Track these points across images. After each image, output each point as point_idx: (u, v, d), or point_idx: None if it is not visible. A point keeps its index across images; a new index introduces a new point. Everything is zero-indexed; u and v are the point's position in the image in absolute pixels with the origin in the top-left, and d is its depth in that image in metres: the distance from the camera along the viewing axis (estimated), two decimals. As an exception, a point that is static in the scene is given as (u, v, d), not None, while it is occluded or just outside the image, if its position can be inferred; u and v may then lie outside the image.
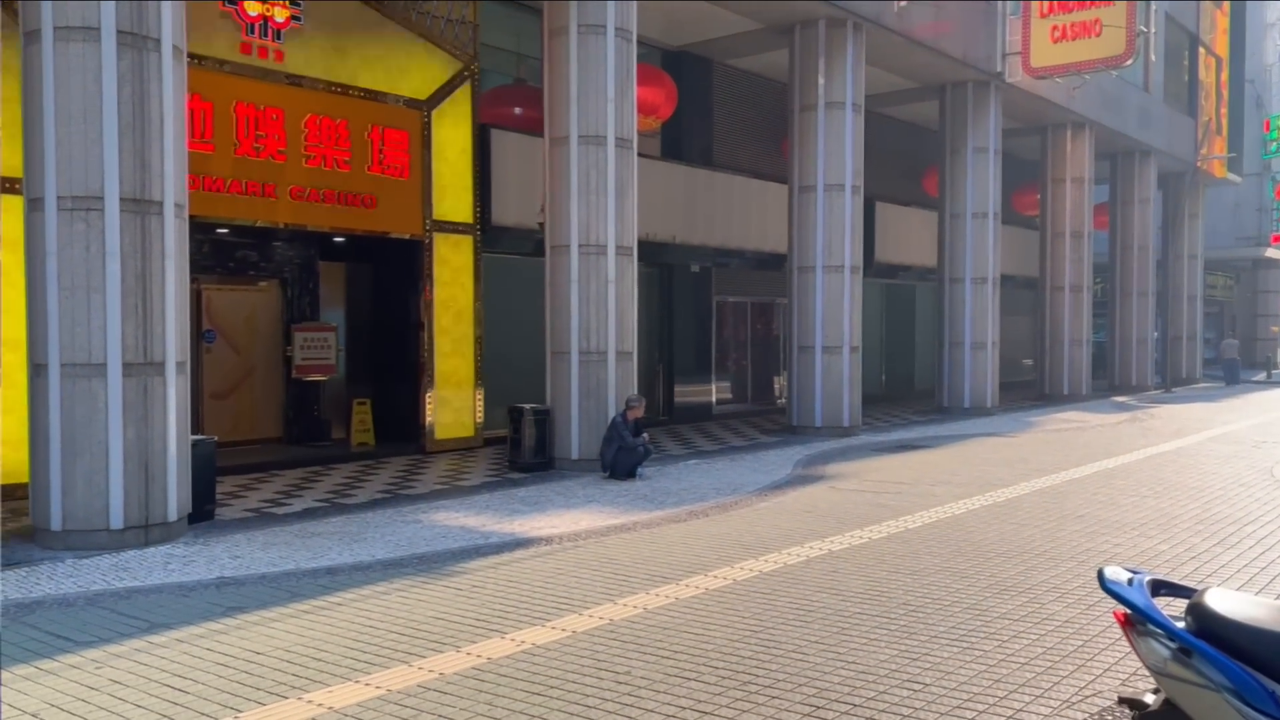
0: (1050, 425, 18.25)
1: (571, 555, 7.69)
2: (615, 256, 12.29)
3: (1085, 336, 24.89)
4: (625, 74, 12.39)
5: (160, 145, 8.01)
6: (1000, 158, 20.80)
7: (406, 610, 6.16)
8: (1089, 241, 24.92)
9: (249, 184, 11.67)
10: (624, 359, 12.43)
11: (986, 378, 20.64)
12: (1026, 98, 21.54)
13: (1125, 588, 2.79)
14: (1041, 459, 13.36)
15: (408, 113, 13.25)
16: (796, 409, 16.64)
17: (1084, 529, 8.56)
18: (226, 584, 6.89)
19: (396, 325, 14.23)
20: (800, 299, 16.47)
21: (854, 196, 16.28)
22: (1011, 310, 27.78)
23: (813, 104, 16.18)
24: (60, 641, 5.60)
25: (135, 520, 7.93)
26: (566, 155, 12.20)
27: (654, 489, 10.94)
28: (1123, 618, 2.83)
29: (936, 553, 7.67)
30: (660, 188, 16.75)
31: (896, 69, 19.28)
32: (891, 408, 22.05)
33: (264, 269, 13.80)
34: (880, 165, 23.42)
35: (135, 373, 7.90)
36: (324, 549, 7.96)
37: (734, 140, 19.92)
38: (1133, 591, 2.77)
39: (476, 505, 9.92)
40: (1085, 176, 24.55)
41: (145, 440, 7.97)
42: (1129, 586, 2.79)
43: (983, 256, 20.50)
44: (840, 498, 10.35)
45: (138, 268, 7.89)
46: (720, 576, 6.94)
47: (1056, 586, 6.63)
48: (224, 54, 11.46)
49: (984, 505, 9.79)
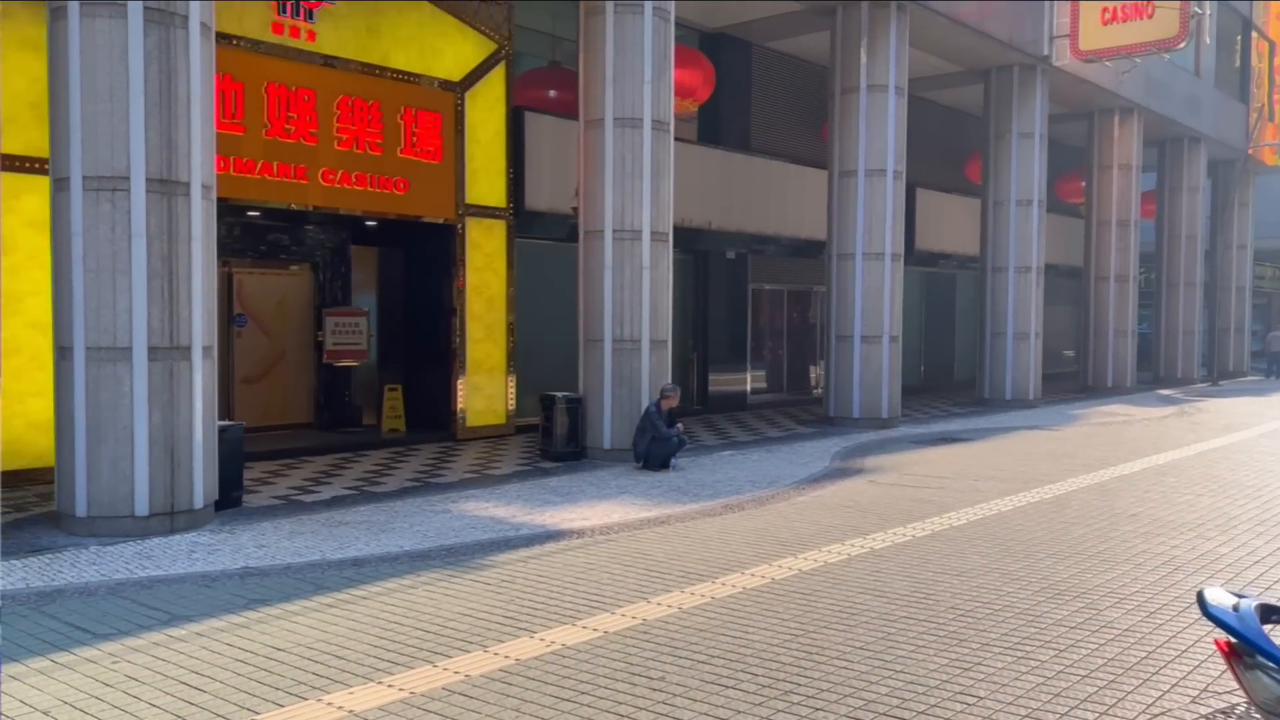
0: (1094, 418, 17.77)
1: (603, 549, 7.46)
2: (650, 242, 12.01)
3: (1130, 328, 24.27)
4: (662, 55, 12.08)
5: (187, 125, 7.83)
6: (1046, 144, 20.25)
7: (433, 606, 5.96)
8: (1135, 230, 24.26)
9: (280, 166, 11.50)
10: (658, 347, 12.15)
11: (1029, 369, 20.15)
12: (1074, 82, 20.95)
13: (1231, 615, 2.48)
14: (1088, 454, 12.94)
15: (441, 95, 13.02)
16: (834, 399, 16.29)
17: (1138, 529, 8.20)
18: (250, 574, 6.72)
19: (428, 311, 14.04)
20: (839, 287, 16.10)
21: (896, 182, 15.86)
22: (1054, 300, 27.17)
23: (854, 86, 15.76)
24: (78, 633, 5.44)
25: (161, 507, 7.79)
26: (601, 138, 11.92)
27: (688, 481, 10.68)
28: (1227, 647, 2.52)
29: (984, 552, 7.36)
30: (696, 172, 16.43)
31: (940, 52, 18.79)
32: (931, 399, 21.62)
33: (296, 253, 13.66)
34: (922, 151, 22.92)
35: (161, 357, 7.74)
36: (351, 539, 7.78)
37: (772, 124, 19.53)
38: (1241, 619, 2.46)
39: (507, 495, 9.71)
40: (1132, 163, 23.89)
41: (171, 426, 7.82)
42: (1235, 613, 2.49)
43: (1026, 245, 19.99)
44: (880, 492, 10.04)
45: (164, 250, 7.72)
46: (758, 575, 6.68)
47: (1113, 591, 6.30)
48: (256, 34, 11.28)
49: (1030, 502, 9.44)
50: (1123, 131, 23.73)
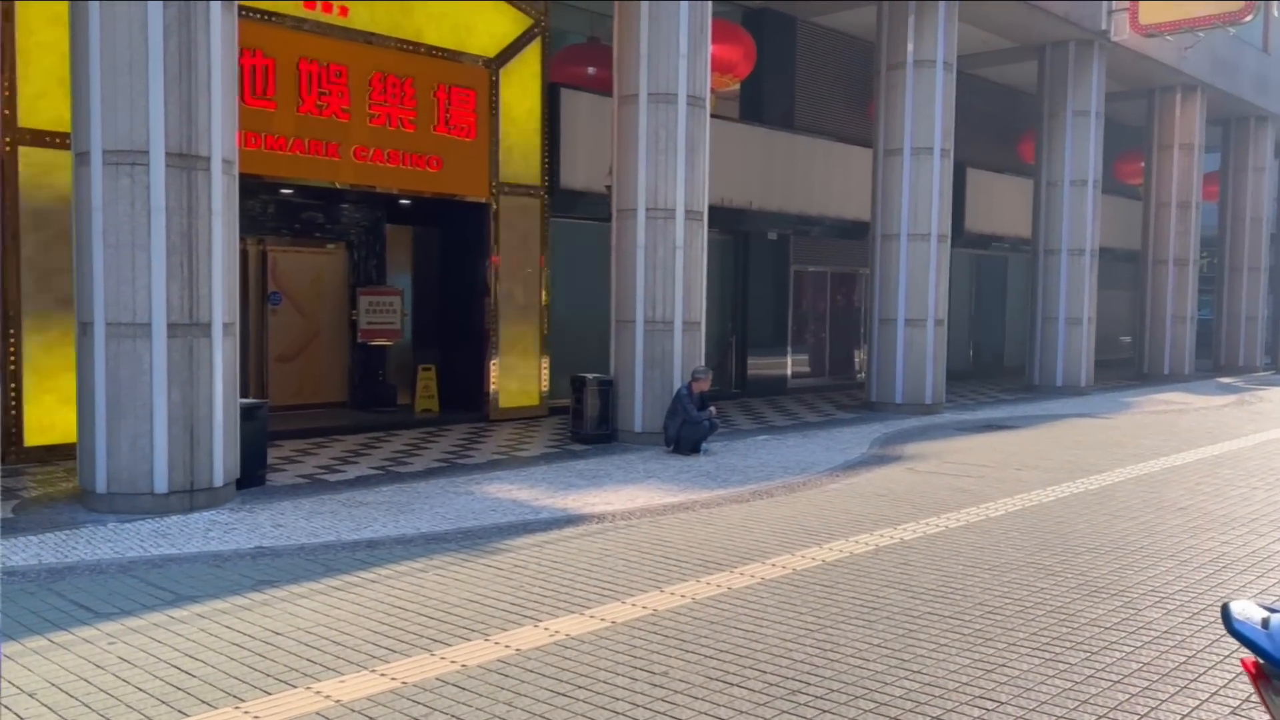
0: (1149, 406, 17.19)
1: (622, 535, 7.26)
2: (684, 221, 11.74)
3: (1189, 313, 23.49)
4: (699, 29, 11.76)
5: (208, 99, 7.73)
6: (1102, 122, 19.56)
7: (440, 590, 5.80)
8: (1197, 213, 23.44)
9: (311, 143, 11.42)
10: (691, 329, 11.90)
11: (1081, 355, 19.56)
12: (1133, 58, 20.21)
13: (1258, 631, 2.20)
14: (1139, 443, 12.47)
15: (475, 71, 12.85)
16: (876, 384, 15.92)
17: (1186, 523, 7.81)
18: (263, 554, 6.63)
19: (463, 290, 13.93)
20: (883, 269, 15.70)
21: (943, 160, 15.40)
22: (1109, 284, 26.39)
23: (901, 62, 15.31)
24: (81, 612, 5.37)
25: (180, 484, 7.74)
26: (635, 114, 11.67)
27: (718, 465, 10.45)
28: (1254, 667, 2.24)
29: (1020, 545, 7.04)
30: (738, 151, 16.10)
31: (993, 27, 18.21)
32: (979, 385, 21.11)
33: (330, 231, 13.61)
34: (972, 130, 22.31)
35: (180, 333, 7.67)
36: (369, 519, 7.67)
37: (817, 102, 19.10)
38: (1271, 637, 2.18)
39: (532, 477, 9.56)
40: (1195, 143, 23.05)
41: (191, 403, 7.75)
42: (1263, 630, 2.21)
43: (1080, 227, 19.37)
44: (917, 480, 9.72)
45: (183, 225, 7.64)
46: (779, 565, 6.43)
47: (1154, 589, 5.96)
48: (288, 9, 11.18)
49: (1074, 493, 9.06)
50: (1185, 110, 22.89)
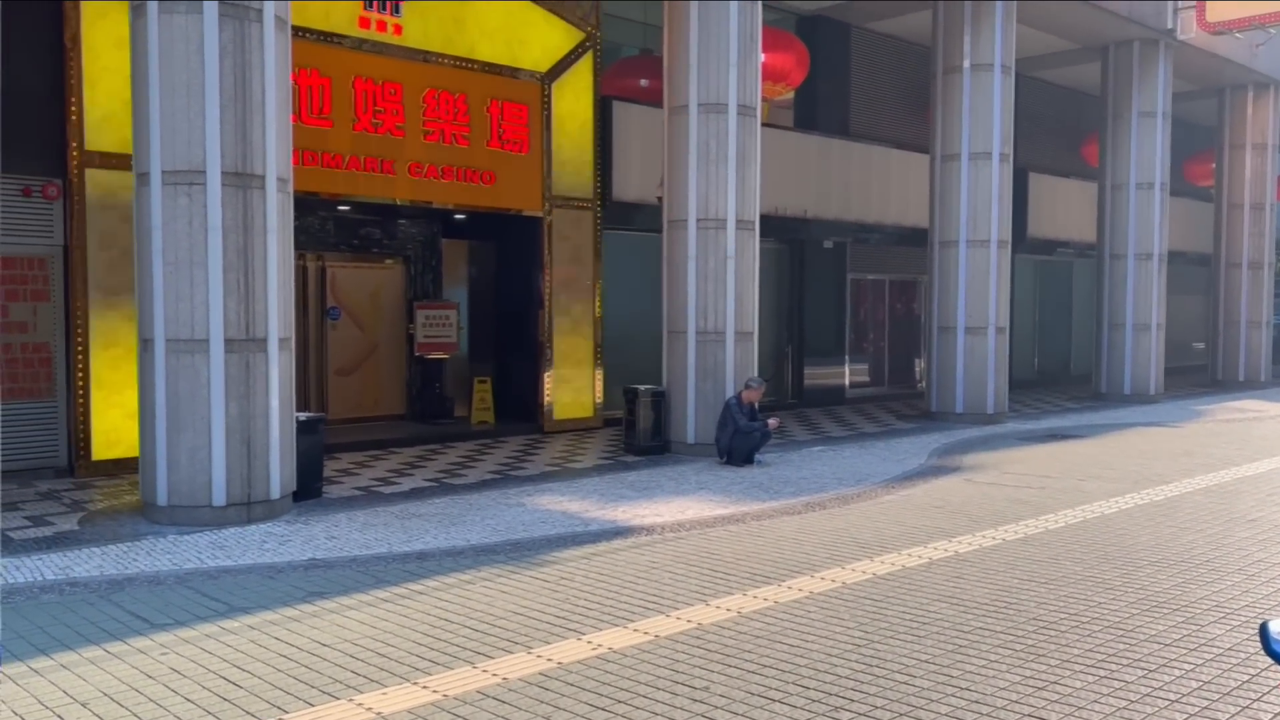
0: (1221, 414, 16.66)
1: (670, 548, 7.22)
2: (735, 231, 11.68)
3: (1265, 318, 22.73)
4: (749, 37, 11.72)
5: (262, 118, 7.90)
6: (1169, 123, 19.05)
7: (486, 602, 5.82)
8: (1271, 214, 22.70)
9: (367, 160, 11.60)
10: (743, 339, 11.83)
11: (1150, 362, 19.03)
12: (1201, 56, 19.67)
13: (1299, 653, 2.11)
14: (1210, 452, 12.08)
15: (527, 85, 12.95)
16: (936, 394, 15.67)
17: (1255, 535, 7.53)
18: (316, 566, 6.73)
19: (517, 303, 14.02)
20: (941, 276, 15.47)
21: (1002, 165, 15.13)
22: (1180, 289, 25.66)
23: (957, 66, 15.09)
24: (137, 622, 5.50)
25: (238, 497, 7.89)
26: (685, 124, 11.66)
27: (771, 477, 10.35)
28: (1294, 692, 2.14)
29: (1078, 558, 6.85)
30: (793, 159, 16.00)
31: (1053, 28, 17.86)
32: (1044, 393, 20.65)
33: (388, 246, 13.81)
34: (1035, 133, 21.92)
35: (237, 348, 7.84)
36: (420, 531, 7.74)
37: (873, 109, 18.90)
38: (1309, 660, 2.08)
39: (583, 489, 9.56)
40: (1269, 142, 22.35)
41: (247, 417, 7.91)
42: (1304, 651, 2.10)
43: (1148, 230, 18.87)
44: (975, 491, 9.53)
45: (239, 242, 7.81)
46: (828, 578, 6.34)
47: (1219, 605, 5.75)
48: (343, 29, 11.39)
49: (1138, 504, 8.80)
50: (1257, 108, 22.21)
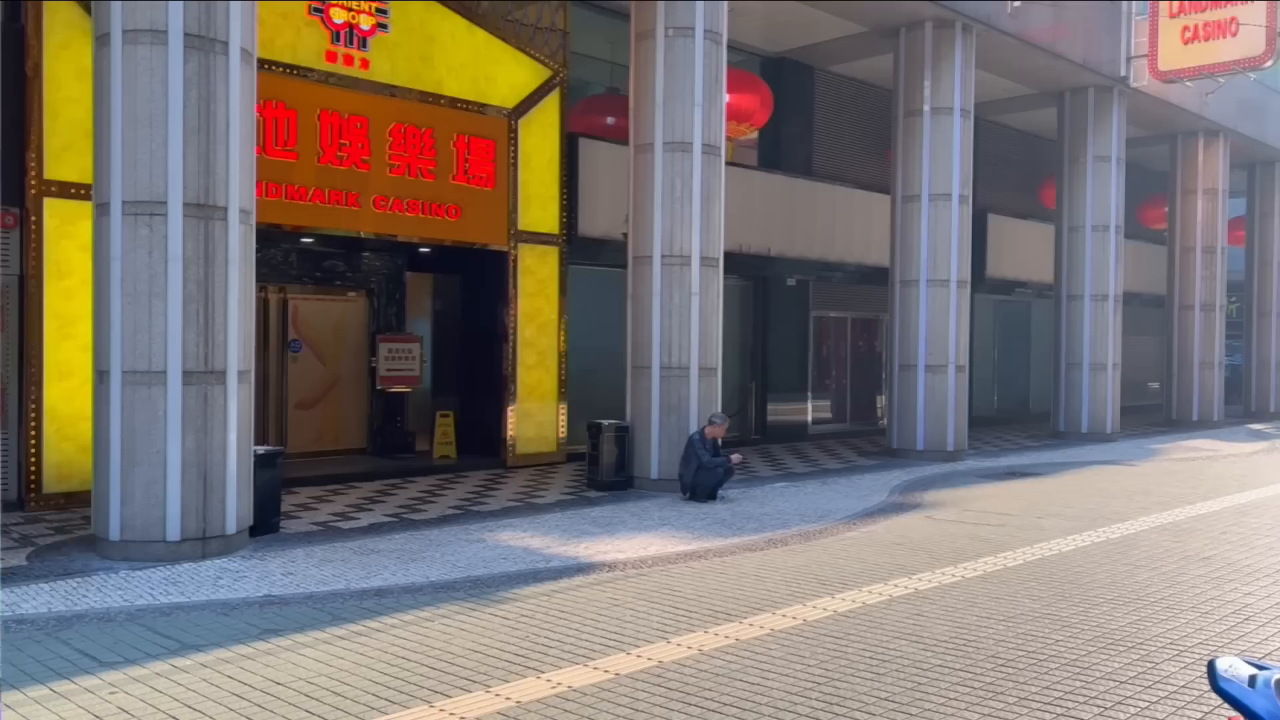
0: (1176, 453, 16.93)
1: (632, 585, 7.19)
2: (700, 268, 11.77)
3: (1217, 359, 23.19)
4: (714, 78, 11.88)
5: (226, 150, 7.87)
6: (1124, 167, 19.51)
7: (445, 640, 5.76)
8: (1222, 257, 23.24)
9: (332, 193, 11.57)
10: (707, 375, 11.88)
11: (1106, 401, 19.33)
12: (1154, 103, 20.19)
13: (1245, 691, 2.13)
14: (1165, 491, 12.26)
15: (494, 121, 13.01)
16: (897, 431, 15.80)
17: (1209, 573, 7.64)
18: (271, 603, 6.62)
19: (482, 337, 14.00)
20: (902, 314, 15.65)
21: (961, 207, 15.40)
22: (1136, 330, 26.15)
23: (918, 109, 15.38)
24: (86, 661, 5.37)
25: (193, 532, 7.76)
26: (651, 162, 11.76)
27: (734, 513, 10.36)
28: (1241, 729, 2.17)
29: (1037, 596, 6.91)
30: (757, 198, 16.19)
31: (1010, 74, 18.27)
32: (1003, 431, 20.88)
33: (351, 279, 13.75)
34: (994, 176, 22.34)
35: (196, 381, 7.75)
36: (379, 568, 7.64)
37: (836, 149, 19.18)
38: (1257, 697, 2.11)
39: (545, 525, 9.51)
40: (1219, 188, 22.92)
41: (204, 450, 7.80)
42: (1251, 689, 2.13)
43: (1103, 272, 19.24)
44: (935, 529, 9.59)
45: (200, 274, 7.75)
46: (789, 616, 6.34)
47: (1173, 642, 5.81)
48: (310, 62, 11.40)
49: (1096, 542, 8.90)
50: (1208, 154, 22.80)
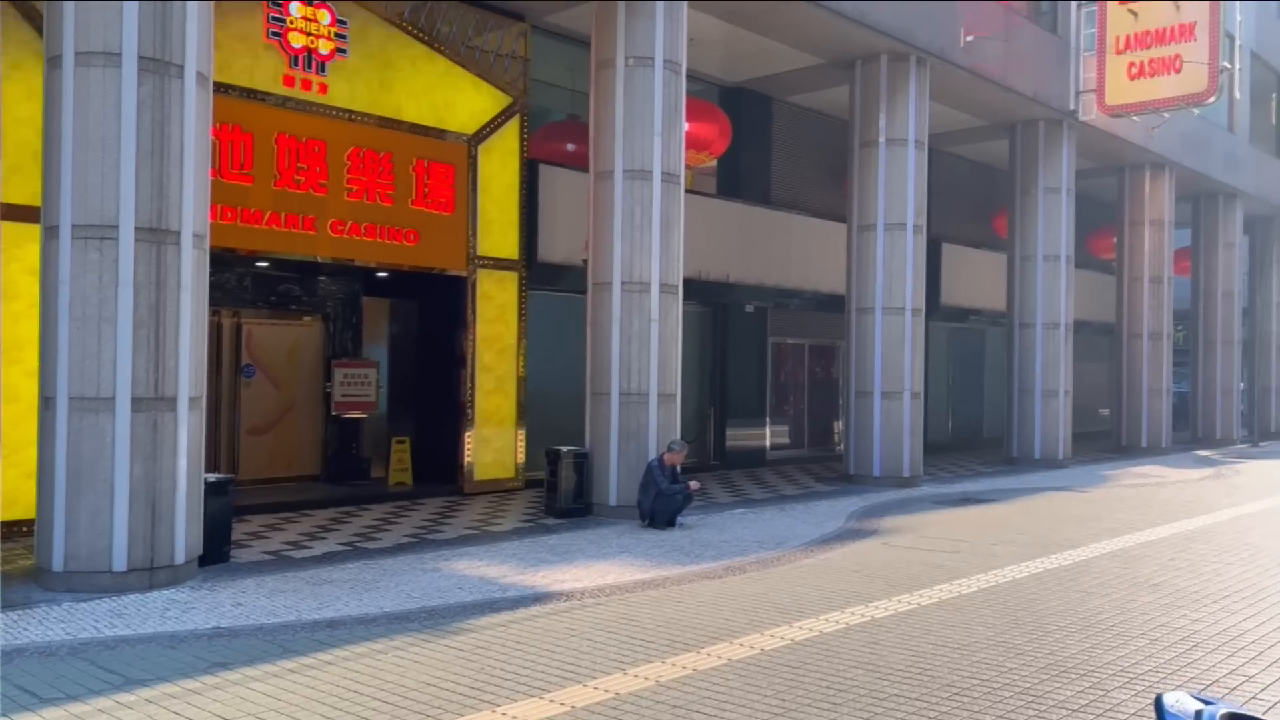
0: (1126, 480, 17.20)
1: (590, 614, 7.14)
2: (659, 294, 11.81)
3: (1165, 386, 23.64)
4: (673, 108, 11.97)
5: (180, 174, 7.78)
6: (1074, 198, 19.91)
7: (398, 674, 5.67)
8: (1169, 287, 23.75)
9: (288, 217, 11.47)
10: (666, 401, 11.89)
11: (1058, 428, 19.62)
12: (1102, 136, 20.65)
13: (1192, 726, 2.17)
14: (1115, 517, 12.44)
15: (454, 147, 12.99)
16: (854, 457, 15.91)
17: (1159, 600, 7.75)
18: (220, 635, 6.49)
19: (439, 362, 13.90)
20: (858, 342, 15.80)
21: (916, 236, 15.61)
22: (1087, 358, 26.60)
23: (873, 140, 15.60)
24: (25, 697, 5.22)
25: (140, 562, 7.60)
26: (611, 190, 11.80)
27: (693, 540, 10.35)
28: (1188, 763, 2.20)
29: (991, 623, 6.96)
30: (716, 226, 16.29)
31: (964, 106, 18.60)
32: (958, 457, 21.10)
33: (307, 303, 13.61)
34: (948, 206, 22.67)
35: (145, 408, 7.61)
36: (332, 598, 7.53)
37: (793, 178, 19.38)
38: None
39: (502, 553, 9.43)
40: (1165, 219, 23.45)
41: (153, 478, 7.65)
42: (1197, 724, 2.17)
43: (1054, 301, 19.58)
44: (892, 555, 9.64)
45: (151, 299, 7.63)
46: (747, 645, 6.33)
47: (1124, 669, 5.88)
48: (267, 86, 11.32)
49: (1048, 569, 9.00)
50: (1154, 187, 23.34)
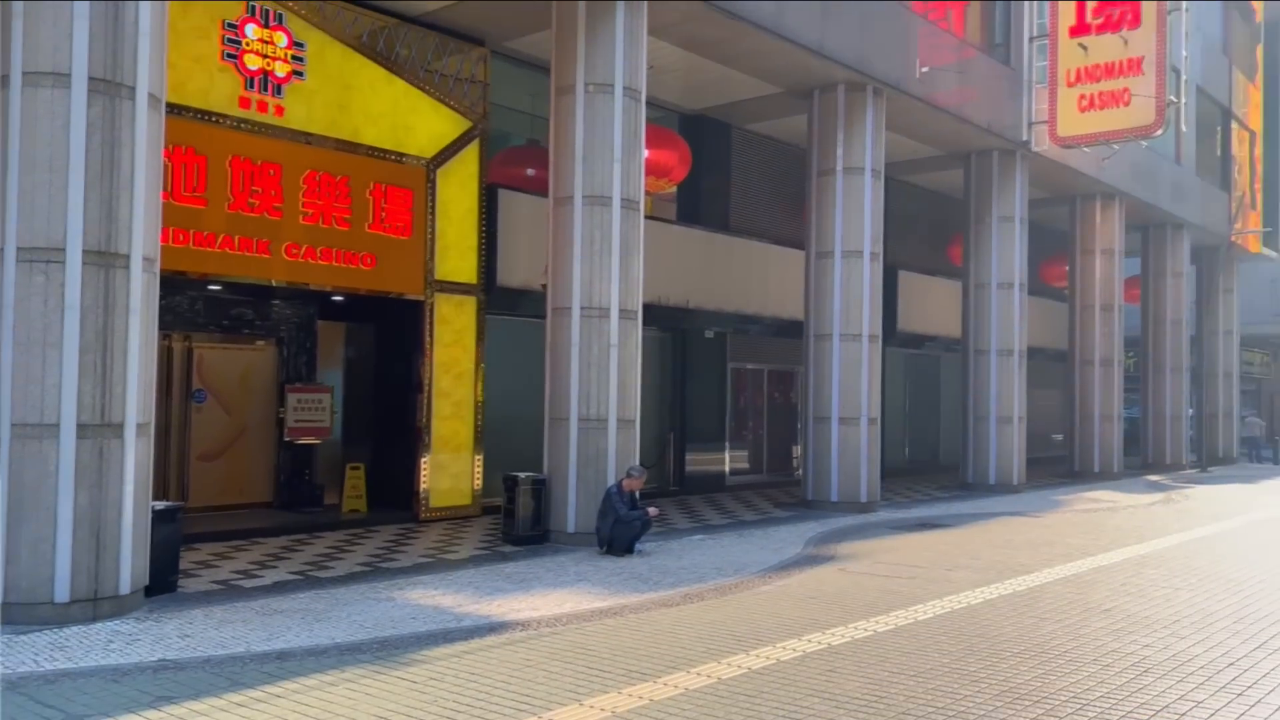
0: (1079, 505, 17.41)
1: (546, 644, 7.06)
2: (619, 320, 11.80)
3: (1116, 412, 24.02)
4: (633, 134, 12.01)
5: (130, 196, 7.65)
6: (1027, 227, 20.25)
7: (349, 706, 5.56)
8: (1119, 315, 24.18)
9: (242, 240, 11.33)
10: (625, 427, 11.86)
11: (1013, 453, 19.84)
12: (1054, 167, 21.05)
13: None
14: (1068, 542, 12.57)
15: (412, 170, 12.94)
16: (812, 483, 15.95)
17: (1110, 625, 7.82)
18: (165, 668, 6.33)
19: (396, 387, 13.77)
20: (816, 368, 15.89)
21: (873, 263, 15.76)
22: (1041, 384, 26.96)
23: (831, 169, 15.77)
24: (-42, 734, 5.05)
25: (83, 593, 7.41)
26: (570, 215, 11.80)
27: (651, 567, 10.30)
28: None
29: (946, 650, 6.98)
30: (675, 252, 16.35)
31: (919, 136, 18.88)
32: (914, 482, 21.25)
33: (261, 328, 13.44)
34: (905, 234, 22.96)
35: (91, 434, 7.44)
36: (282, 629, 7.38)
37: (752, 205, 19.53)
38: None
39: (458, 582, 9.31)
40: (1115, 248, 23.92)
41: (99, 507, 7.47)
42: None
43: (1008, 328, 19.85)
44: (849, 582, 9.66)
45: (99, 323, 7.48)
46: (704, 674, 6.29)
47: (1076, 695, 5.92)
48: (222, 108, 11.21)
49: (1003, 595, 9.06)
50: (1105, 216, 23.80)
